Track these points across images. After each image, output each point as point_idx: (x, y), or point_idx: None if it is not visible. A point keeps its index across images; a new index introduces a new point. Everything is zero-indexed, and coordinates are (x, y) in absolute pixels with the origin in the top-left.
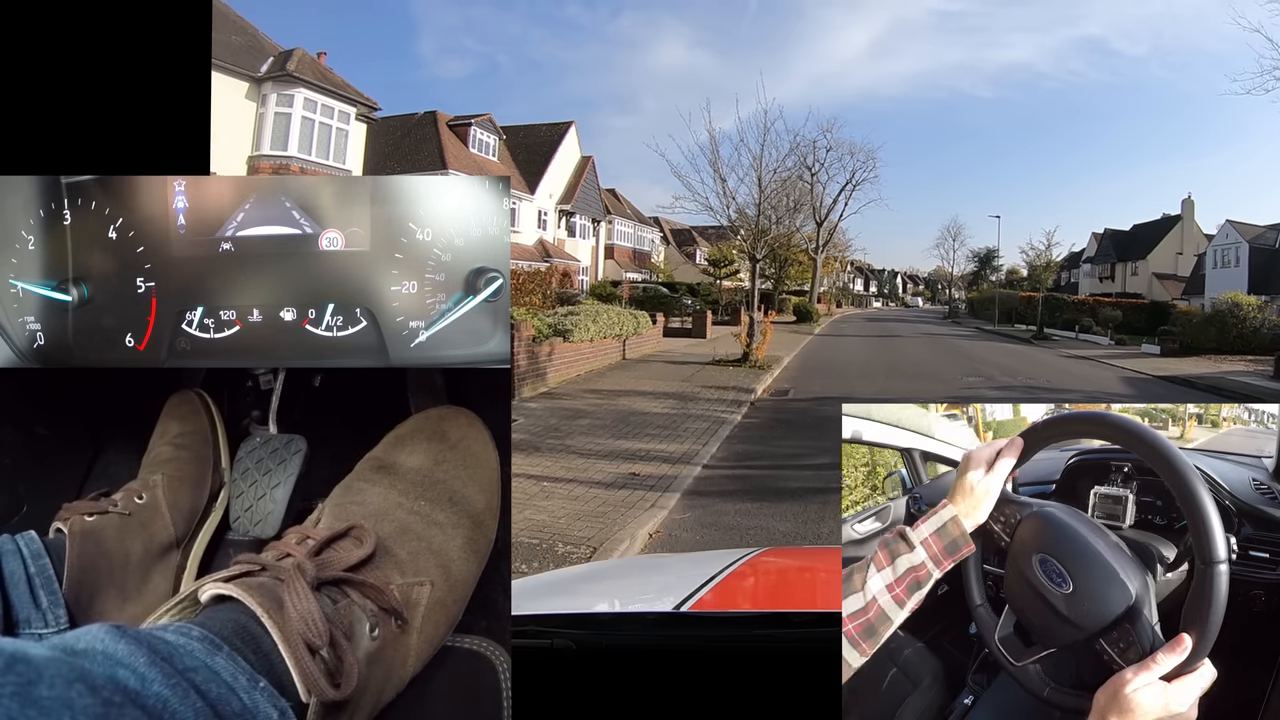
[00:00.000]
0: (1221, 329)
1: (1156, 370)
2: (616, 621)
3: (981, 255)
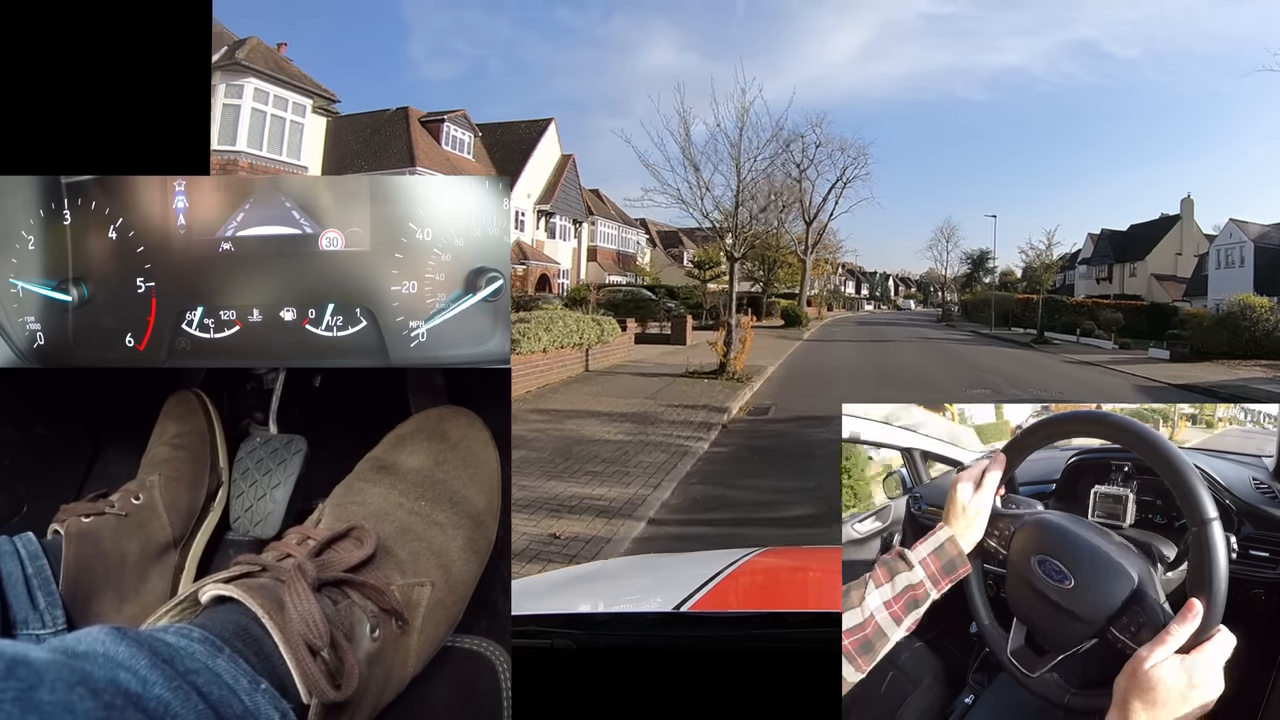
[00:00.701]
0: (1234, 332)
1: (1171, 377)
2: (616, 621)
3: (975, 257)
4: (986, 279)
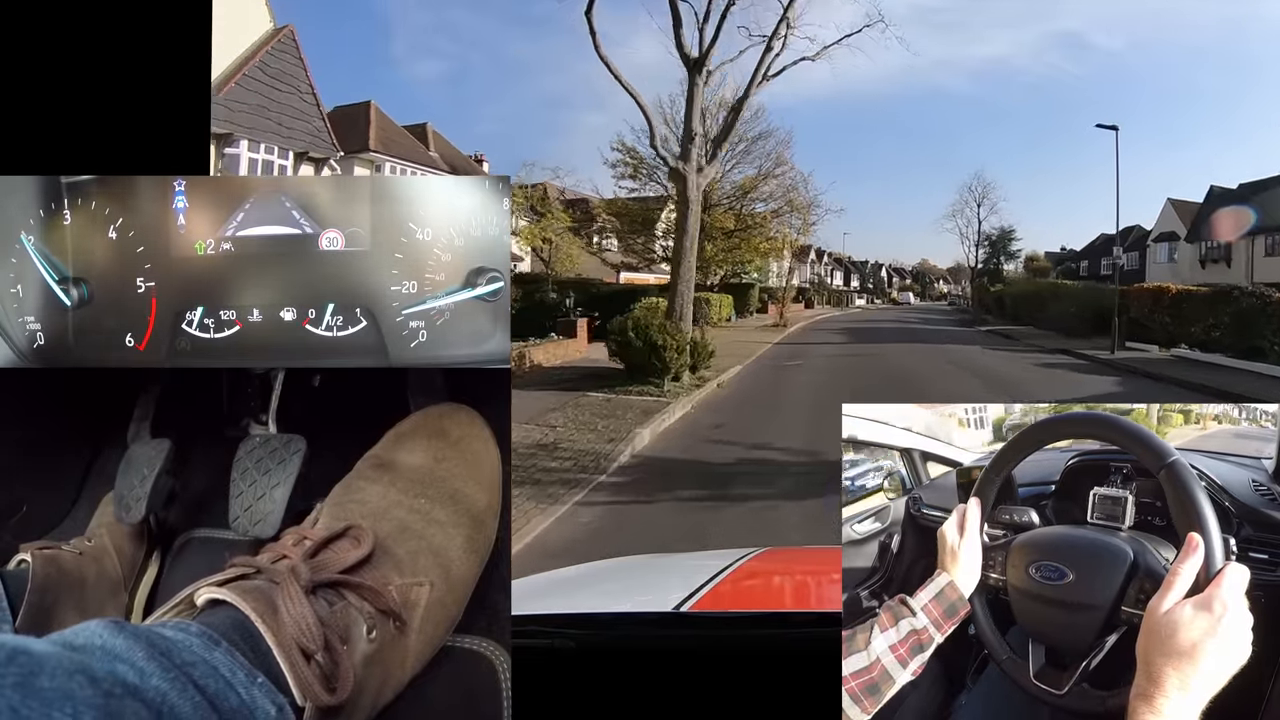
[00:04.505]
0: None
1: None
2: (616, 621)
3: (994, 237)
4: (1008, 265)
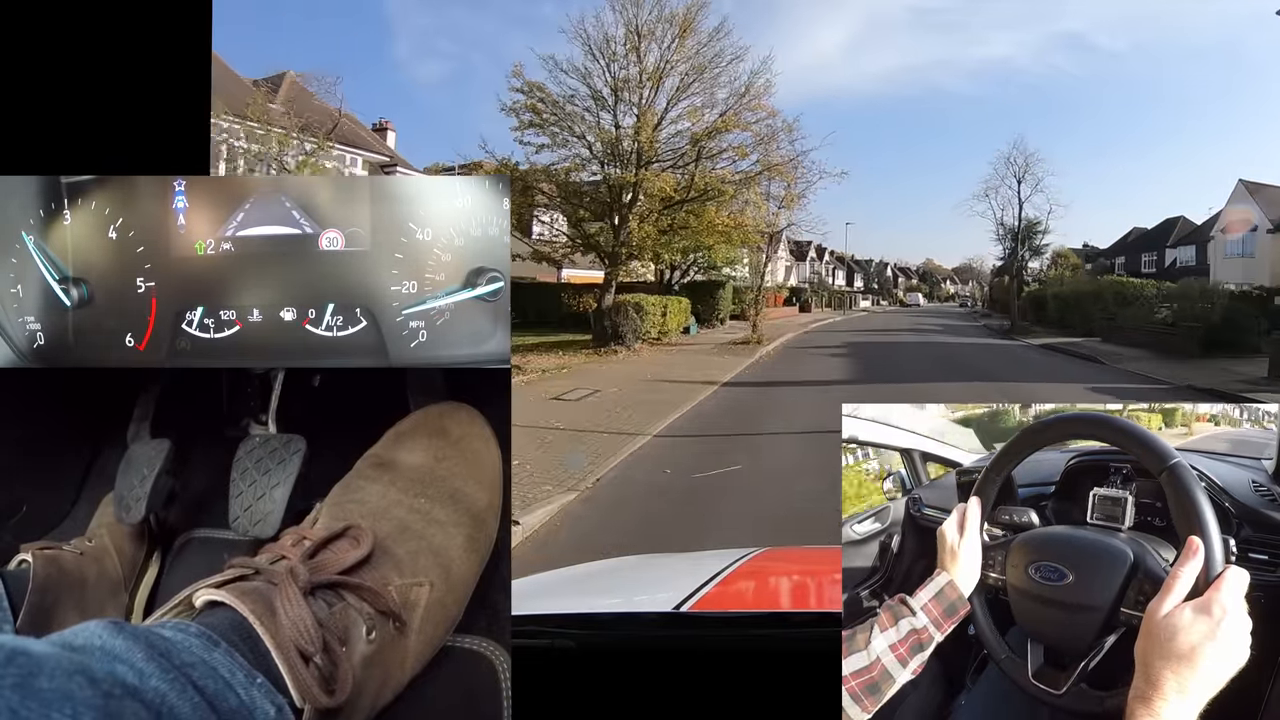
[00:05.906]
0: None
1: None
2: (616, 621)
3: (1017, 231)
4: (1033, 262)
